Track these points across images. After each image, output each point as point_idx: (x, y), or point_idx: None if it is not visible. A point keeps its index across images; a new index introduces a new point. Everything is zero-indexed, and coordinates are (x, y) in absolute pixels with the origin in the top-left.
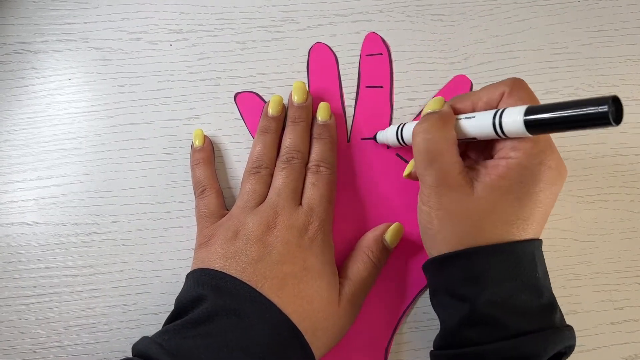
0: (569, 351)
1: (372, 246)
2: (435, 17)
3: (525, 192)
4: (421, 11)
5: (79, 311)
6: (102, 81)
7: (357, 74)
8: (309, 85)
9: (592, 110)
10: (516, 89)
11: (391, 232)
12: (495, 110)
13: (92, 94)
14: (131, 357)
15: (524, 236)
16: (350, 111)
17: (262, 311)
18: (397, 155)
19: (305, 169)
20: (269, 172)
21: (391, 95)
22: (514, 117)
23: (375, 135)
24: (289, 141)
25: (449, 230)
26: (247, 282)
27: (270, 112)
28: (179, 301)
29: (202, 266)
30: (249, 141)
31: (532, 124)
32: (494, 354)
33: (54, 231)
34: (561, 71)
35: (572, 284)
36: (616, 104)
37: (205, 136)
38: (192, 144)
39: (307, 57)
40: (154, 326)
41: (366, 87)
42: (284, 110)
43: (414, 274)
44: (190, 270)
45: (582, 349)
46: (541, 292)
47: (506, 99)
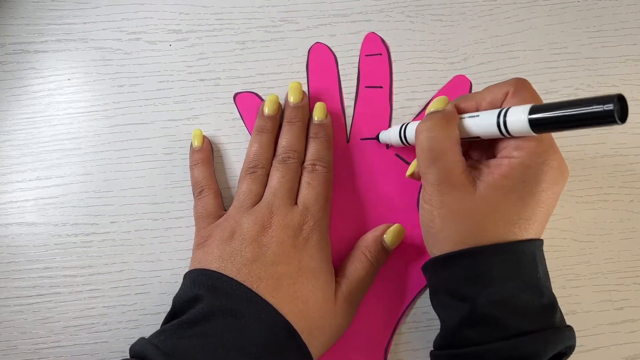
0: (569, 351)
1: (370, 246)
2: (434, 17)
3: (528, 192)
4: (421, 11)
5: (78, 311)
6: (101, 81)
7: (356, 74)
8: (308, 85)
9: (598, 108)
10: (520, 89)
11: (391, 233)
12: (499, 109)
13: (91, 94)
14: (128, 358)
15: (526, 236)
16: (349, 111)
17: (259, 311)
18: (396, 155)
19: (301, 169)
20: (265, 171)
21: (391, 95)
22: (518, 116)
23: (377, 135)
24: (285, 141)
25: (451, 229)
26: (243, 283)
27: (266, 112)
28: (176, 301)
29: (199, 266)
30: (248, 141)
31: (536, 123)
32: (494, 354)
33: (53, 231)
34: (561, 71)
35: (572, 284)
36: (621, 102)
37: (204, 136)
38: (191, 144)
39: (306, 57)
40: (153, 326)
41: (366, 87)
42: (280, 109)
43: (413, 274)
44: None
45: (581, 349)
46: (542, 292)
47: (510, 98)
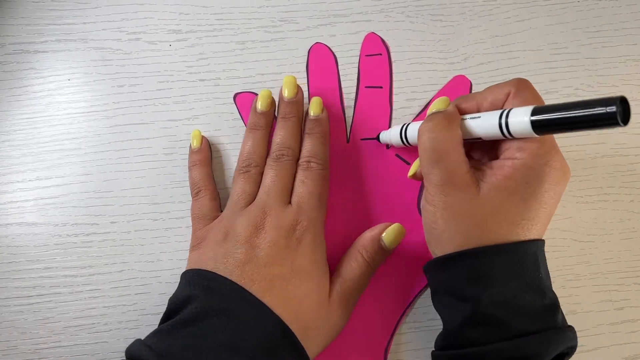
0: (570, 352)
1: (367, 245)
2: (434, 17)
3: (530, 193)
4: (421, 11)
5: (78, 311)
6: (101, 81)
7: (356, 74)
8: (308, 85)
9: (601, 110)
10: (522, 90)
11: (390, 233)
12: (501, 110)
13: (91, 94)
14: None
15: (528, 236)
16: (349, 111)
17: (253, 312)
18: (396, 155)
19: (296, 166)
20: (259, 170)
21: (390, 95)
22: (520, 118)
23: (377, 135)
24: (279, 138)
25: (453, 230)
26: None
27: (259, 108)
28: (171, 301)
29: (195, 267)
30: None
31: (538, 124)
32: (497, 355)
33: (53, 231)
34: (561, 71)
35: (572, 284)
36: (624, 104)
37: (202, 137)
38: (190, 145)
39: (306, 57)
40: (153, 326)
41: (366, 87)
42: (273, 105)
43: (413, 274)
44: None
45: (581, 349)
46: (544, 292)
47: (511, 99)
